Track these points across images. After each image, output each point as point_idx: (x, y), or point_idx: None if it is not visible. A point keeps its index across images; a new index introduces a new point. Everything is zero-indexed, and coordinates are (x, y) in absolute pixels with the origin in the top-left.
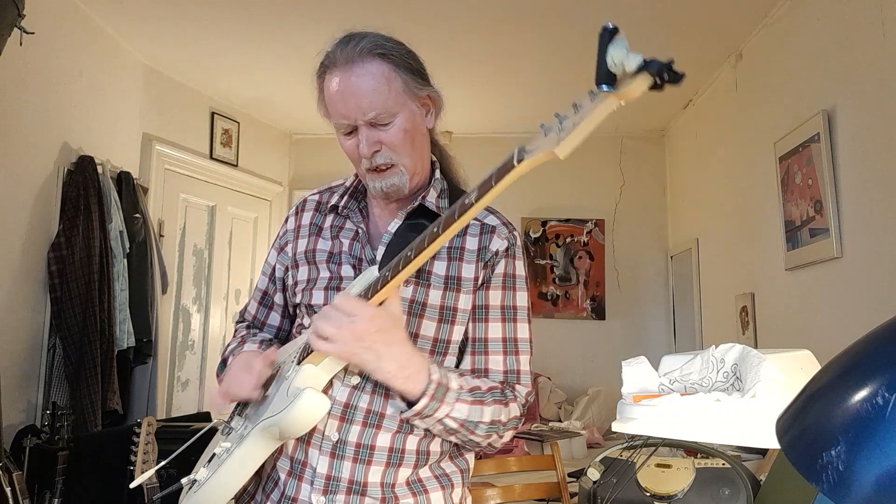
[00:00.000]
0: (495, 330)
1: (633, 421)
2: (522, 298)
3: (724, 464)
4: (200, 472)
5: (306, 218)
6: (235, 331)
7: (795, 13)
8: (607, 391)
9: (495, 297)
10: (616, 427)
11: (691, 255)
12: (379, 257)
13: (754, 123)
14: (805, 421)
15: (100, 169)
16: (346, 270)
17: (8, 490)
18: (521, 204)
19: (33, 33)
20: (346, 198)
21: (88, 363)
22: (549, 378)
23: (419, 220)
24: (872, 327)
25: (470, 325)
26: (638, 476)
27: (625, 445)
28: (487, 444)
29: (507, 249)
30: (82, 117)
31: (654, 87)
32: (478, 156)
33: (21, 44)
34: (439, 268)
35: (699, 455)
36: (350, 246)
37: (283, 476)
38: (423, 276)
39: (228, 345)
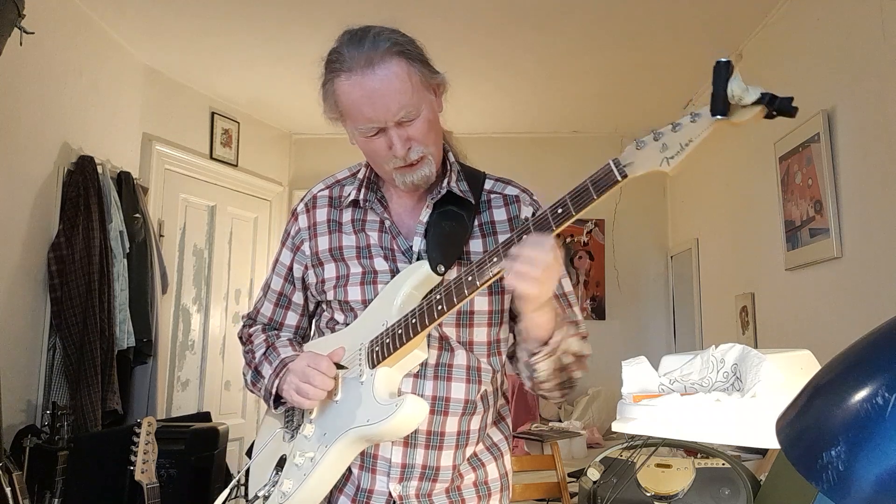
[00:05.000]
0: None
1: (633, 421)
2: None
3: (724, 464)
4: (284, 483)
5: (321, 215)
6: (250, 335)
7: (795, 13)
8: (607, 391)
9: None
10: (616, 427)
11: (691, 255)
12: (416, 248)
13: (754, 123)
14: (805, 421)
15: (100, 169)
16: (380, 263)
17: (8, 490)
18: None
19: (33, 33)
20: (363, 190)
21: (88, 363)
22: None
23: (448, 207)
24: (872, 327)
25: None
26: (638, 476)
27: (625, 445)
28: (573, 387)
29: (534, 214)
30: (82, 117)
31: (768, 117)
32: (478, 156)
33: (21, 44)
34: (476, 246)
35: (699, 455)
36: (379, 238)
37: (355, 471)
38: (463, 258)
39: (251, 352)
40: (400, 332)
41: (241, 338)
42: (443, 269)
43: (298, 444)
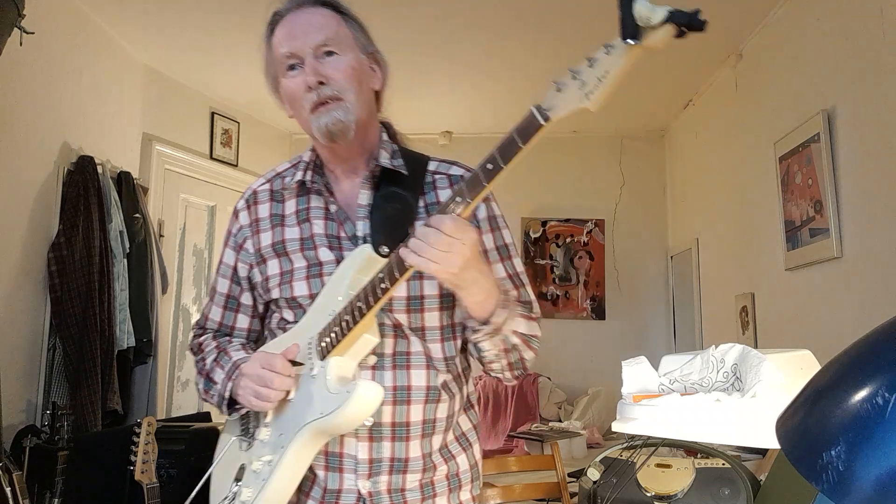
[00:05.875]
0: (499, 270)
1: (633, 421)
2: (508, 235)
3: (724, 464)
4: (243, 492)
5: (263, 210)
6: (201, 345)
7: (795, 13)
8: (607, 391)
9: (488, 240)
10: (616, 427)
11: (691, 255)
12: (360, 233)
13: (754, 123)
14: (805, 421)
15: (100, 169)
16: (324, 254)
17: (8, 490)
18: (521, 204)
19: (33, 33)
20: (309, 172)
21: (88, 363)
22: (549, 378)
23: (390, 189)
24: (872, 327)
25: None
26: (638, 476)
27: (625, 445)
28: (525, 368)
29: None
30: (82, 117)
31: (679, 35)
32: (478, 156)
33: (21, 44)
34: None
35: (699, 455)
36: (325, 226)
37: (321, 472)
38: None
39: (202, 360)
40: (347, 317)
41: (192, 349)
42: (386, 251)
43: (256, 450)
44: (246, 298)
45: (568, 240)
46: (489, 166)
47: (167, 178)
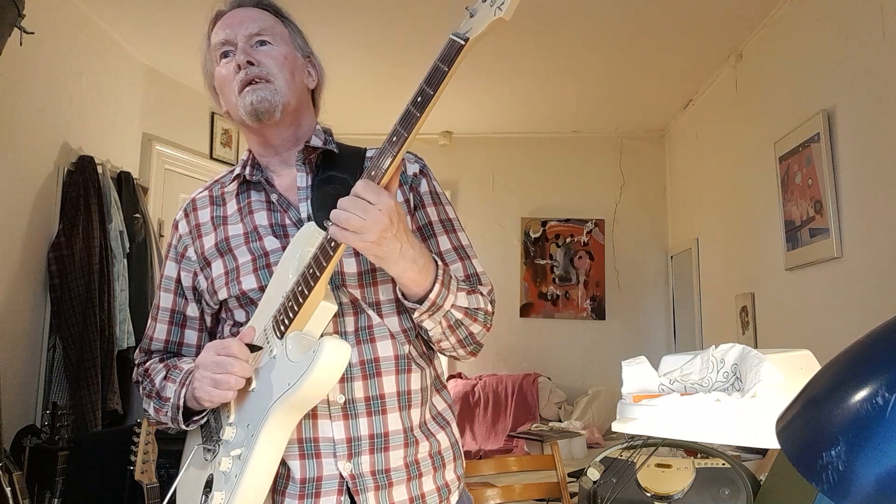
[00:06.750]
0: (444, 242)
1: (633, 421)
2: (451, 211)
3: (724, 464)
4: (215, 496)
5: (203, 216)
6: (147, 371)
7: (795, 13)
8: (607, 391)
9: (432, 213)
10: (616, 427)
11: (691, 255)
12: (304, 214)
13: (754, 123)
14: (805, 421)
15: (100, 169)
16: (270, 242)
17: (8, 490)
18: (521, 204)
19: (33, 33)
20: (248, 168)
21: (88, 363)
22: (549, 378)
23: (329, 173)
24: (872, 327)
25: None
26: (638, 476)
27: (625, 445)
28: (478, 342)
29: (421, 170)
30: (82, 117)
31: None
32: (479, 156)
33: (21, 44)
34: None
35: (699, 455)
36: (269, 217)
37: (295, 463)
38: None
39: (151, 382)
40: (300, 288)
41: (137, 380)
42: (330, 223)
43: (222, 452)
44: (192, 311)
45: (568, 240)
46: (419, 98)
47: (167, 178)
